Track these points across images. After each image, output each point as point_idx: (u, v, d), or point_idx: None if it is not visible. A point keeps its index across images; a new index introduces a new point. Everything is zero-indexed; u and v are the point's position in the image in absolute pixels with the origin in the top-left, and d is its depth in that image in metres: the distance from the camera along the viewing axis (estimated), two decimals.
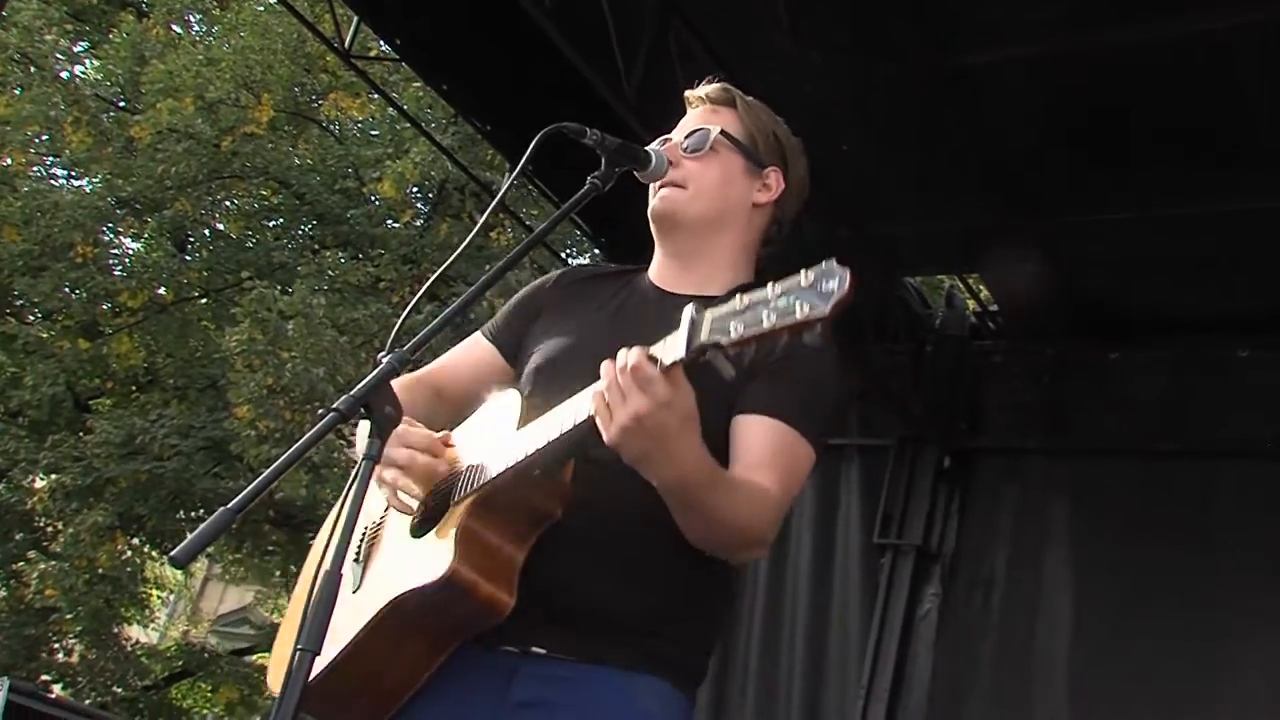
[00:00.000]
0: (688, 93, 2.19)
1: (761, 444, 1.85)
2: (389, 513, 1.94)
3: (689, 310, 1.54)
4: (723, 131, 2.08)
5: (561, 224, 2.22)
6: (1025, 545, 5.74)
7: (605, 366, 1.62)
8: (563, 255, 12.14)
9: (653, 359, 1.59)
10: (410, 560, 1.81)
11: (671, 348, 1.57)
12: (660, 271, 2.11)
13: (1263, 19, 3.94)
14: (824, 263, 1.43)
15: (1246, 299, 5.30)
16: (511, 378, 2.10)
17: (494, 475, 1.75)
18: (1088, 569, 5.53)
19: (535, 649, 1.82)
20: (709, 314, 1.52)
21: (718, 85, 2.18)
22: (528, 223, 9.55)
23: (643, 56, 4.67)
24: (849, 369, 1.72)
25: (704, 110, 2.15)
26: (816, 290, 1.42)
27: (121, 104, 14.46)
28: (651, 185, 2.09)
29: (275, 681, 1.82)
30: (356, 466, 1.57)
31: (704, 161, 2.06)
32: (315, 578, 1.53)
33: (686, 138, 2.10)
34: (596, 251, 6.90)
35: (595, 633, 1.83)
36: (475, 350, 2.17)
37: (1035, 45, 4.41)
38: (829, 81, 4.73)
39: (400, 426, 1.73)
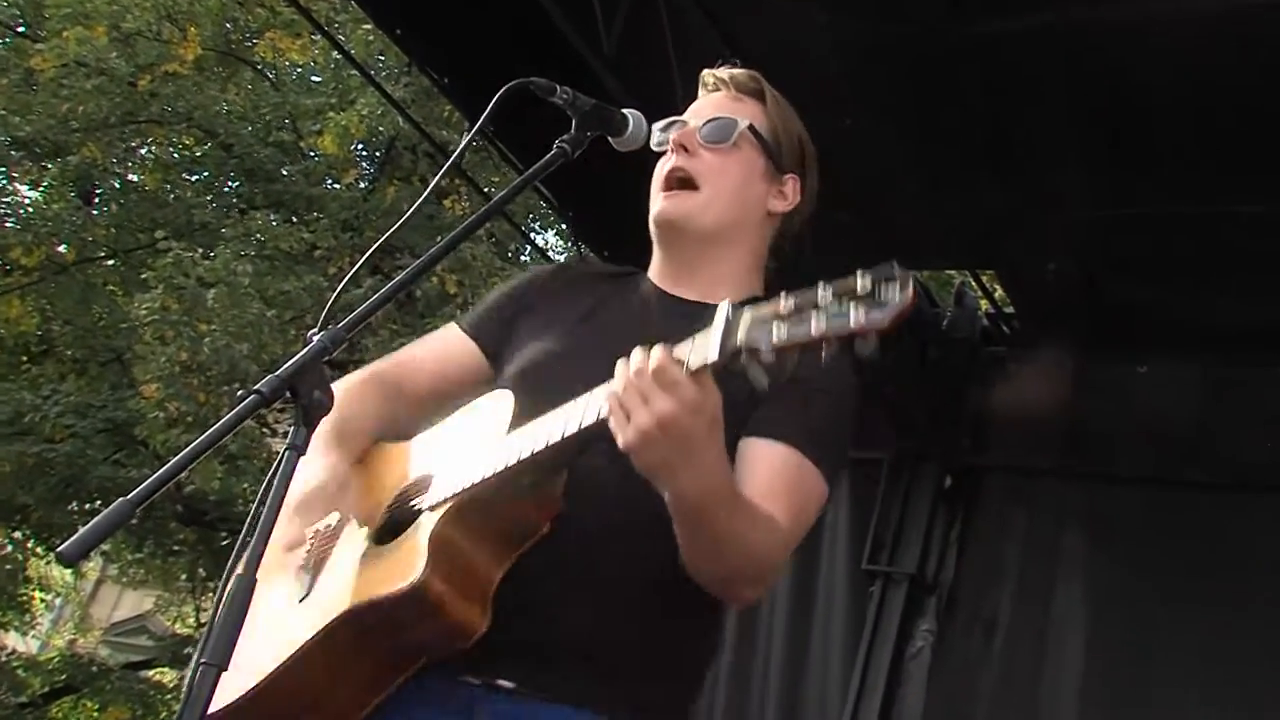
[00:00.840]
0: (707, 72, 2.20)
1: (773, 472, 1.87)
2: (347, 519, 1.93)
3: (724, 307, 1.56)
4: (751, 125, 2.08)
5: (524, 193, 2.23)
6: (1034, 578, 5.79)
7: (620, 365, 1.63)
8: (524, 229, 12.16)
9: (678, 361, 1.60)
10: (372, 570, 1.80)
11: (701, 348, 1.58)
12: (662, 274, 2.14)
13: None
14: (884, 265, 1.46)
15: None
16: (489, 378, 2.10)
17: (477, 480, 1.75)
18: (1104, 607, 5.59)
19: (501, 682, 1.81)
20: (747, 313, 1.54)
21: (745, 71, 2.19)
22: (486, 190, 9.52)
23: (625, 5, 4.67)
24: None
25: (725, 96, 2.15)
26: (874, 298, 1.45)
27: (20, 29, 14.31)
28: (656, 179, 2.08)
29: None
30: (279, 457, 1.57)
31: (725, 156, 2.07)
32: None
33: (706, 124, 2.09)
34: (563, 225, 6.89)
35: (567, 669, 1.83)
36: (449, 344, 2.17)
37: (1064, 12, 4.44)
38: (834, 45, 4.75)
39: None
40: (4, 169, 13.87)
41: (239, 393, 1.64)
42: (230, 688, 1.79)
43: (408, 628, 1.74)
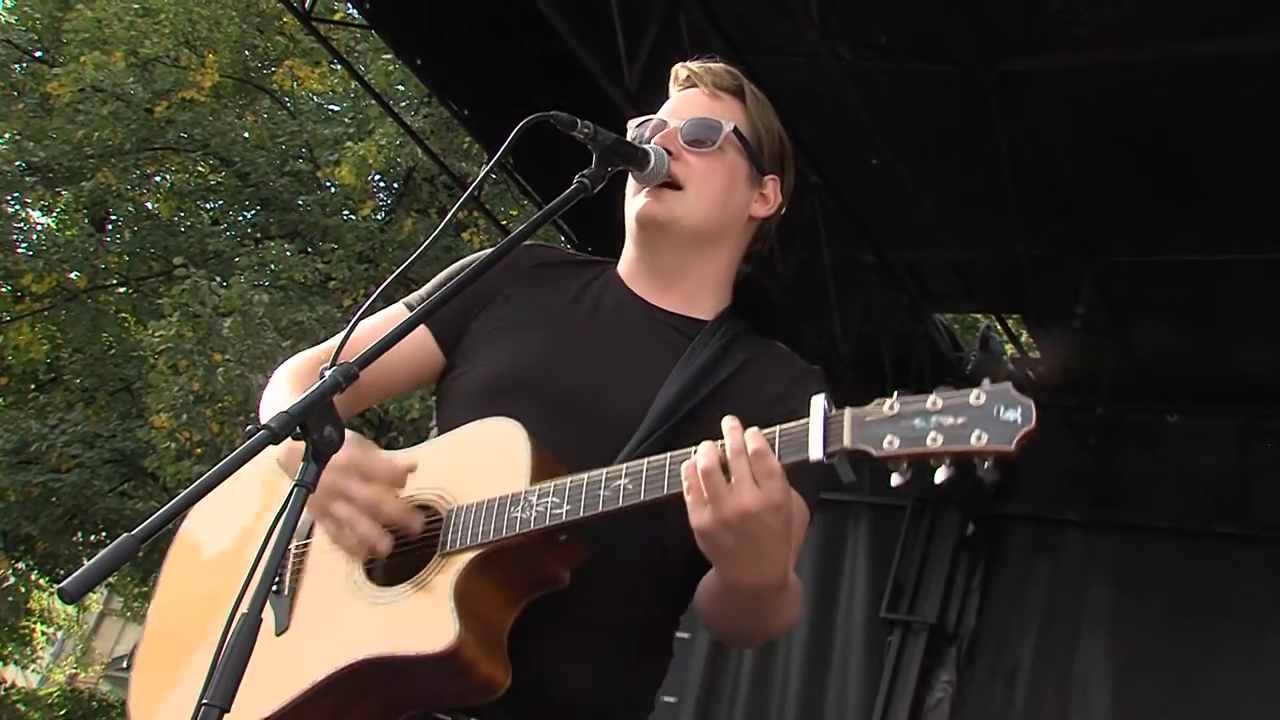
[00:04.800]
0: (686, 65, 2.14)
1: None
2: (316, 538, 1.89)
3: (820, 403, 1.54)
4: (736, 128, 2.05)
5: (543, 226, 2.21)
6: (1057, 631, 5.75)
7: (708, 445, 1.60)
8: None
9: (771, 445, 1.57)
10: (385, 616, 1.75)
11: (795, 443, 1.56)
12: (636, 276, 2.08)
13: None
14: (995, 384, 1.44)
15: None
16: (440, 368, 2.05)
17: (508, 534, 1.72)
18: (1130, 663, 5.54)
19: None
20: (850, 414, 1.51)
21: (725, 68, 2.13)
22: (504, 223, 9.57)
23: (649, 40, 4.71)
24: None
25: (705, 94, 2.10)
26: (993, 417, 1.43)
27: (38, 54, 14.47)
28: (634, 180, 2.03)
29: None
30: (288, 493, 1.56)
31: (709, 160, 2.03)
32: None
33: (687, 124, 2.05)
34: None
35: (541, 712, 1.80)
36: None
37: (1097, 52, 4.45)
38: (859, 83, 4.77)
39: (356, 453, 1.70)
40: (17, 194, 13.99)
41: (248, 428, 1.62)
42: None
43: (428, 682, 1.70)
